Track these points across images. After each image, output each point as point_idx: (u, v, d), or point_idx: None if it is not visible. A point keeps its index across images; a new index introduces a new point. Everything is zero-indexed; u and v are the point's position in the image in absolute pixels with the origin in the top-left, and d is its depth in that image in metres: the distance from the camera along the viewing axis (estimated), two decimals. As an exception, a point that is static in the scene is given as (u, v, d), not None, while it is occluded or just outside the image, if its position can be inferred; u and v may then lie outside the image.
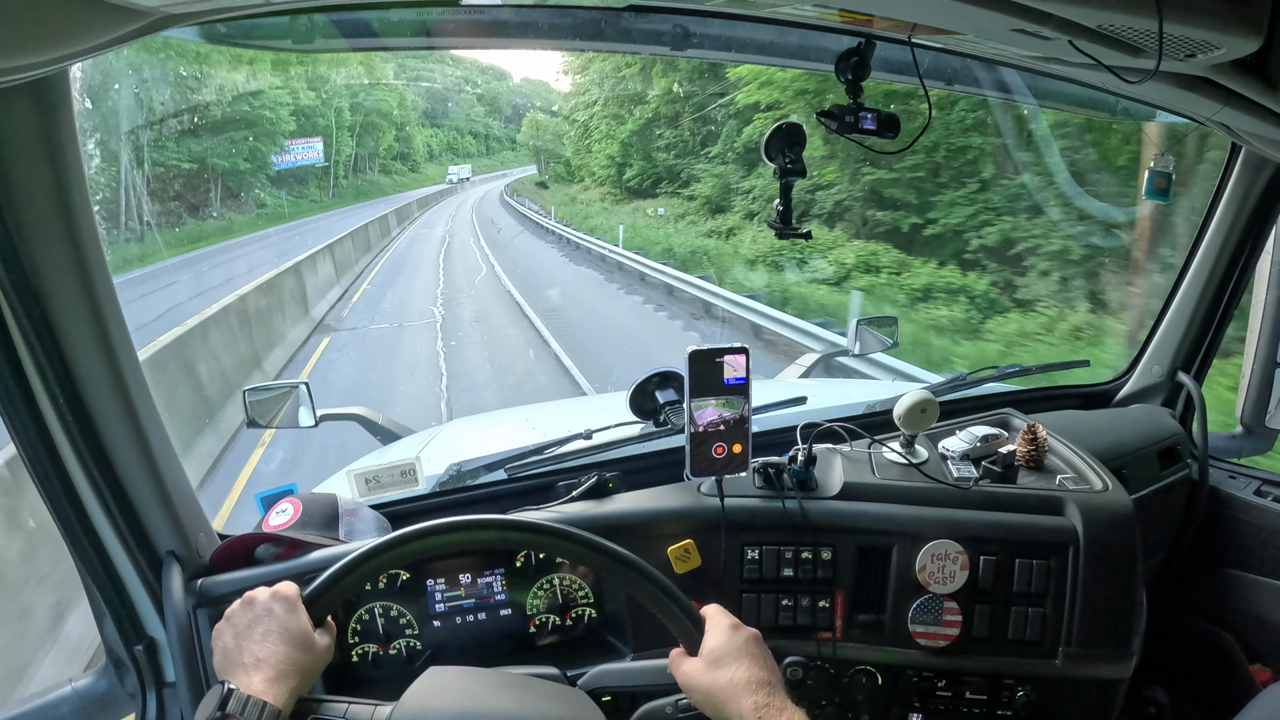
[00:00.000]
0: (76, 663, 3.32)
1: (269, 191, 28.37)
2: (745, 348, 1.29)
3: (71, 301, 1.02)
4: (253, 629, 0.92)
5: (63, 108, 0.94)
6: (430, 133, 56.80)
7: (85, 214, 1.01)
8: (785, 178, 1.28)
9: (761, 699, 0.89)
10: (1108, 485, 1.42)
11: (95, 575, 1.18)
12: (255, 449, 6.24)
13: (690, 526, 1.36)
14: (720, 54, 1.37)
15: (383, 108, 41.69)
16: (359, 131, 39.66)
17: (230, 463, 6.09)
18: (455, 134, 61.43)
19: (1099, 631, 1.34)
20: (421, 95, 47.91)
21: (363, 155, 41.64)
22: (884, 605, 1.36)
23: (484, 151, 66.56)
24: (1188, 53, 1.02)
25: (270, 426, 1.91)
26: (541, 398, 7.38)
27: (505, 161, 65.16)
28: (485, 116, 64.24)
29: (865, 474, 1.44)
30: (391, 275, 16.24)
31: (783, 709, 0.88)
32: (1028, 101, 1.75)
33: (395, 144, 46.22)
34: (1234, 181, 1.85)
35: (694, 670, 0.94)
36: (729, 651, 0.93)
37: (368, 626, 1.34)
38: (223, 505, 5.28)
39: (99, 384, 1.08)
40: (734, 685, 0.90)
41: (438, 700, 0.92)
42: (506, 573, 1.38)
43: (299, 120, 29.82)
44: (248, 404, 1.87)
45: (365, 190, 40.30)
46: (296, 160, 29.07)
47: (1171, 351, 2.04)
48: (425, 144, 55.11)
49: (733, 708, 0.89)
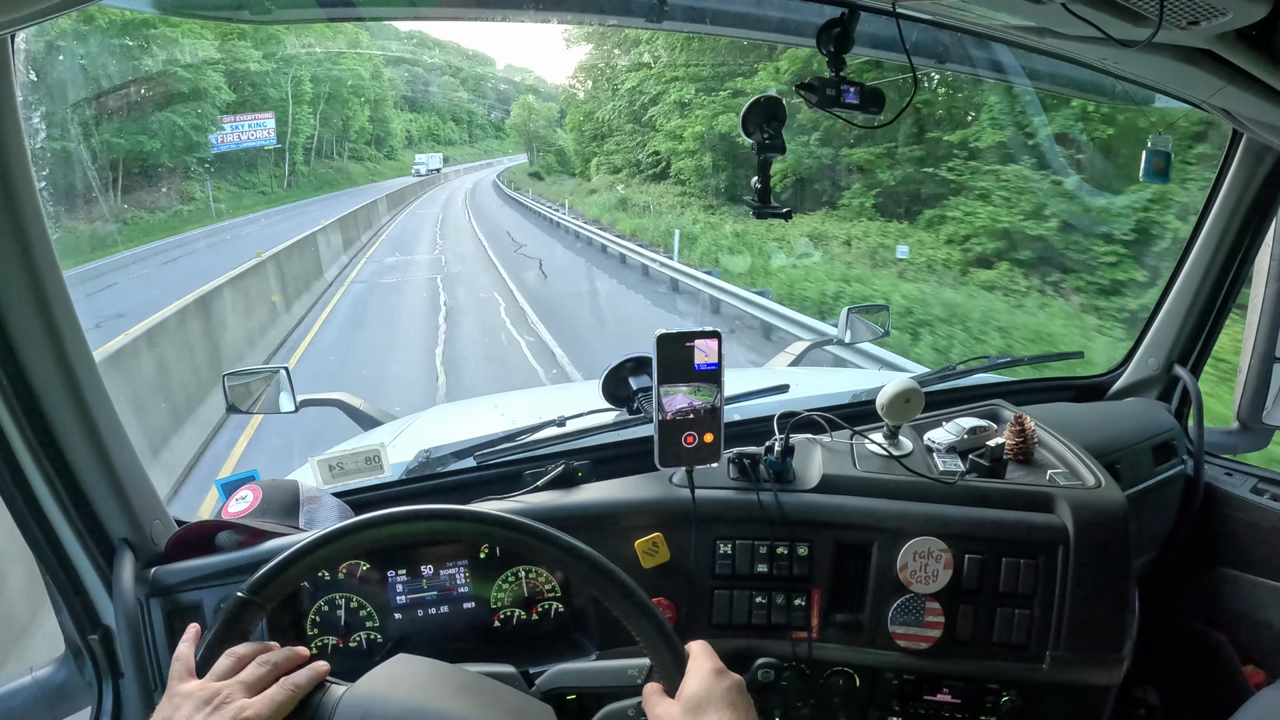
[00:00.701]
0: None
1: (207, 181, 23.15)
2: (718, 331, 1.23)
3: (14, 283, 0.99)
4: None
5: (2, 77, 0.90)
6: (410, 117, 53.10)
7: (27, 190, 0.97)
8: (763, 153, 1.22)
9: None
10: (1100, 481, 1.36)
11: (48, 563, 1.16)
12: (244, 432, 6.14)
13: (659, 519, 1.31)
14: (696, 26, 1.32)
15: (353, 80, 36.78)
16: (323, 108, 34.04)
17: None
18: (437, 119, 58.19)
19: (1089, 635, 1.28)
20: (401, 78, 44.37)
21: (328, 137, 36.33)
22: (863, 604, 1.31)
23: (467, 139, 63.38)
24: (1190, 19, 0.97)
25: (251, 412, 1.89)
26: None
27: (490, 150, 62.12)
28: (469, 102, 61.06)
29: (845, 466, 1.38)
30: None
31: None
32: (1021, 81, 1.69)
33: (369, 126, 41.56)
34: (1234, 171, 1.80)
35: (670, 714, 0.88)
36: (710, 700, 0.87)
37: (327, 618, 1.30)
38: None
39: (43, 366, 1.05)
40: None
41: (392, 690, 0.88)
42: (470, 564, 1.33)
43: (241, 90, 24.84)
44: (227, 389, 1.85)
45: (330, 179, 35.67)
46: (241, 141, 23.70)
47: (1168, 344, 2.00)
48: (404, 128, 51.13)
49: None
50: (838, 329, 2.26)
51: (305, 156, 34.30)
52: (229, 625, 0.88)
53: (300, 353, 9.29)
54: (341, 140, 38.43)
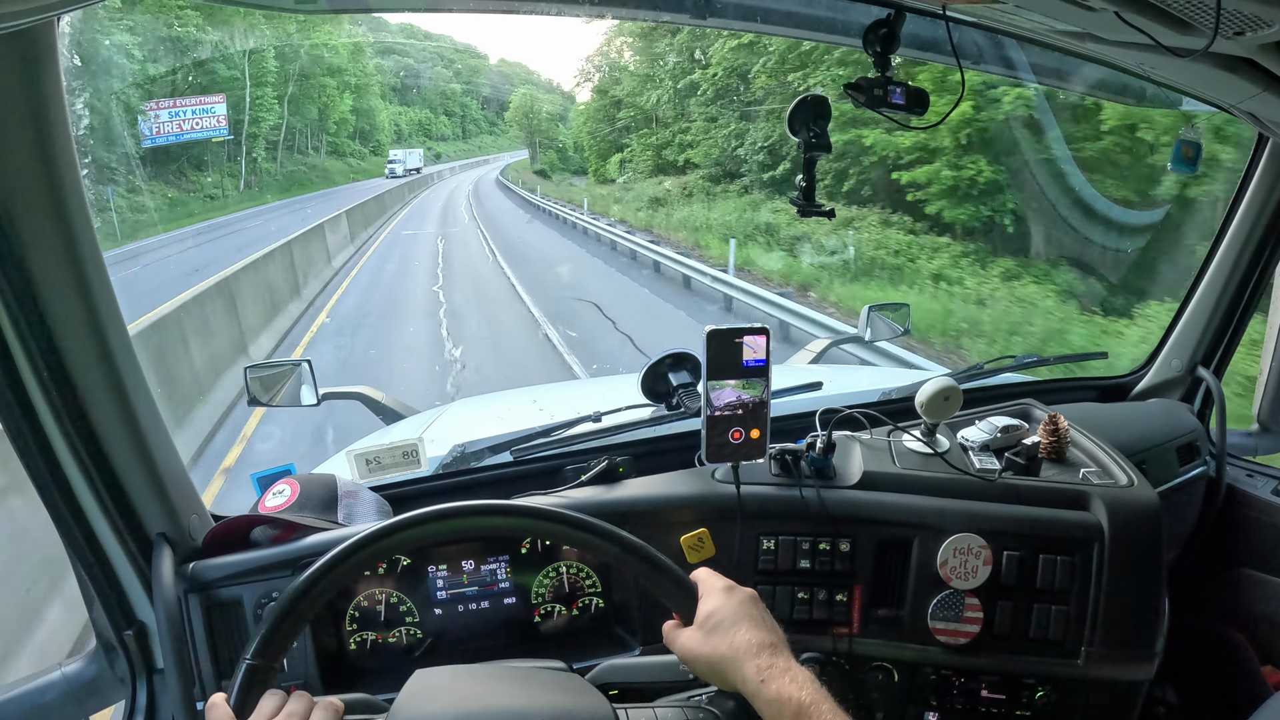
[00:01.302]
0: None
1: (108, 188, 16.39)
2: (766, 328, 1.24)
3: (57, 271, 0.99)
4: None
5: (48, 61, 0.90)
6: (399, 110, 49.15)
7: (71, 175, 0.97)
8: (810, 152, 1.23)
9: (764, 661, 0.84)
10: (1133, 480, 1.38)
11: (83, 558, 1.15)
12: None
13: (704, 514, 1.32)
14: (744, 24, 1.33)
15: (330, 62, 32.06)
16: (292, 90, 29.46)
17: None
18: (428, 113, 54.49)
19: (1123, 631, 1.30)
20: (390, 67, 40.00)
21: (301, 128, 32.20)
22: (903, 600, 1.32)
23: (460, 134, 59.55)
24: (1236, 30, 0.98)
25: (271, 405, 1.90)
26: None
27: (484, 146, 58.88)
28: (462, 95, 57.67)
29: (885, 463, 1.39)
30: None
31: (786, 669, 0.84)
32: (1054, 84, 1.71)
33: (351, 117, 36.46)
34: (1259, 175, 1.81)
35: (691, 641, 0.90)
36: (726, 616, 0.88)
37: (366, 613, 1.31)
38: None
39: (86, 358, 1.04)
40: (735, 651, 0.86)
41: (430, 704, 0.88)
42: (511, 560, 1.34)
43: (184, 64, 19.17)
44: (248, 381, 1.87)
45: (303, 178, 31.02)
46: (183, 132, 18.45)
47: (1191, 346, 2.01)
48: (392, 121, 47.04)
49: (735, 675, 0.85)
50: (858, 327, 2.28)
51: (270, 151, 30.30)
52: (247, 691, 0.85)
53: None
54: (318, 132, 34.17)
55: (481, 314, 10.92)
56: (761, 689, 0.82)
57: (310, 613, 0.90)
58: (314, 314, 10.80)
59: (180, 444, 1.33)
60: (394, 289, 12.71)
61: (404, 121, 50.01)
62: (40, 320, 0.99)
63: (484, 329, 9.96)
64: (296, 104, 29.30)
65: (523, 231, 20.31)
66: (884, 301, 2.39)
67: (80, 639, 3.21)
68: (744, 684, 0.84)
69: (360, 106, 37.88)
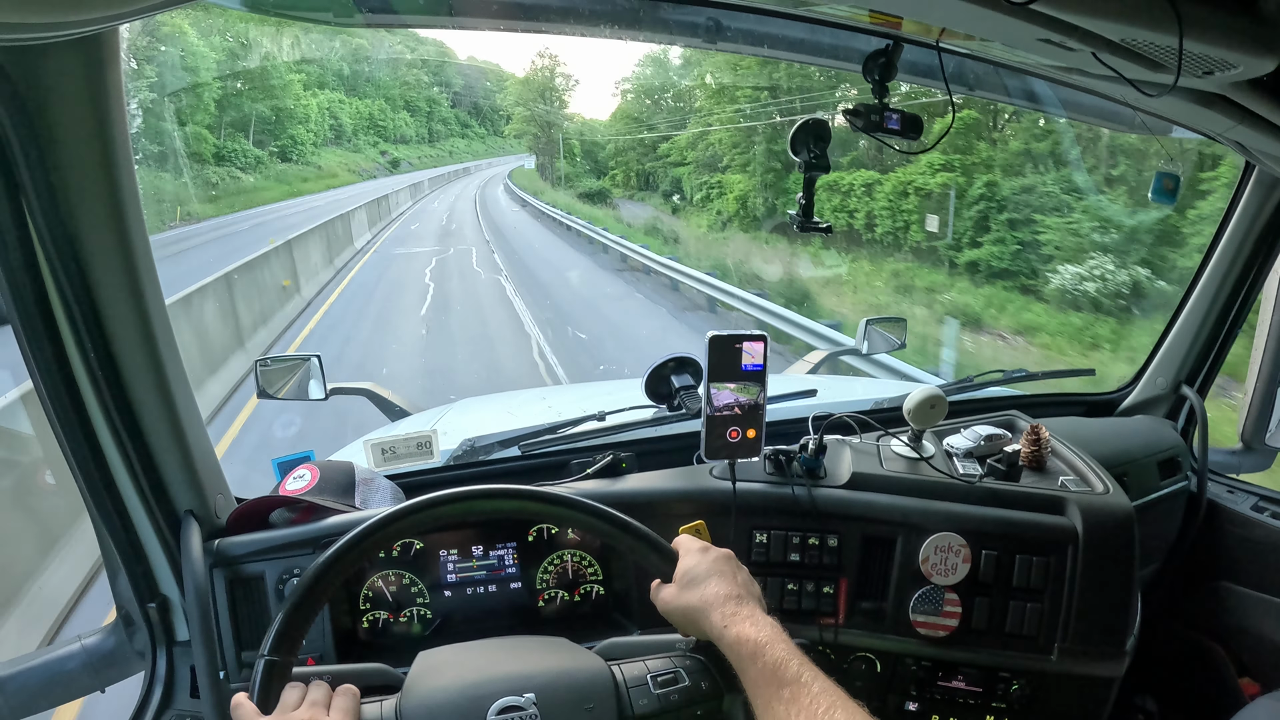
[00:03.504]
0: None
1: None
2: (764, 335, 1.32)
3: (108, 258, 1.04)
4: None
5: (111, 65, 0.96)
6: (337, 98, 35.89)
7: (127, 172, 1.02)
8: (809, 172, 1.31)
9: (730, 610, 0.93)
10: (1108, 488, 1.45)
11: (113, 530, 1.19)
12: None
13: (701, 508, 1.39)
14: (753, 49, 1.40)
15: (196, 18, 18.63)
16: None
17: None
18: (384, 105, 39.73)
19: (1094, 630, 1.37)
20: (329, 45, 27.70)
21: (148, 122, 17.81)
22: (886, 594, 1.39)
23: (425, 135, 44.71)
24: (1205, 70, 1.05)
25: (280, 397, 1.93)
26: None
27: (455, 151, 45.28)
28: (429, 87, 42.30)
29: (873, 465, 1.47)
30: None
31: (749, 616, 0.92)
32: (1048, 110, 1.77)
33: (251, 105, 23.02)
34: (1245, 199, 1.87)
35: (669, 595, 1.00)
36: (699, 573, 0.98)
37: (379, 594, 1.37)
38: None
39: (130, 340, 1.09)
40: (704, 602, 0.95)
41: (439, 679, 0.95)
42: (519, 547, 1.40)
43: None
44: (258, 374, 1.89)
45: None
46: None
47: (1176, 364, 2.06)
48: (326, 113, 33.28)
49: (705, 623, 0.94)
50: (856, 340, 2.33)
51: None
52: (267, 686, 0.89)
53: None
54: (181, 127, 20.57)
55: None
56: (724, 633, 0.91)
57: (320, 605, 0.94)
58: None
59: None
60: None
61: (347, 115, 37.85)
62: (91, 304, 1.04)
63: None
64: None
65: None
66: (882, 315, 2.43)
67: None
68: (711, 630, 0.93)
69: (262, 83, 25.18)
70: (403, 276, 13.95)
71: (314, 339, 9.41)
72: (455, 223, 22.21)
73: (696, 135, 23.23)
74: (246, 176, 23.15)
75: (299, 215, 19.12)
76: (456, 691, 0.92)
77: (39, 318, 1.03)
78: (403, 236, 19.80)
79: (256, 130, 24.52)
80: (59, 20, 0.73)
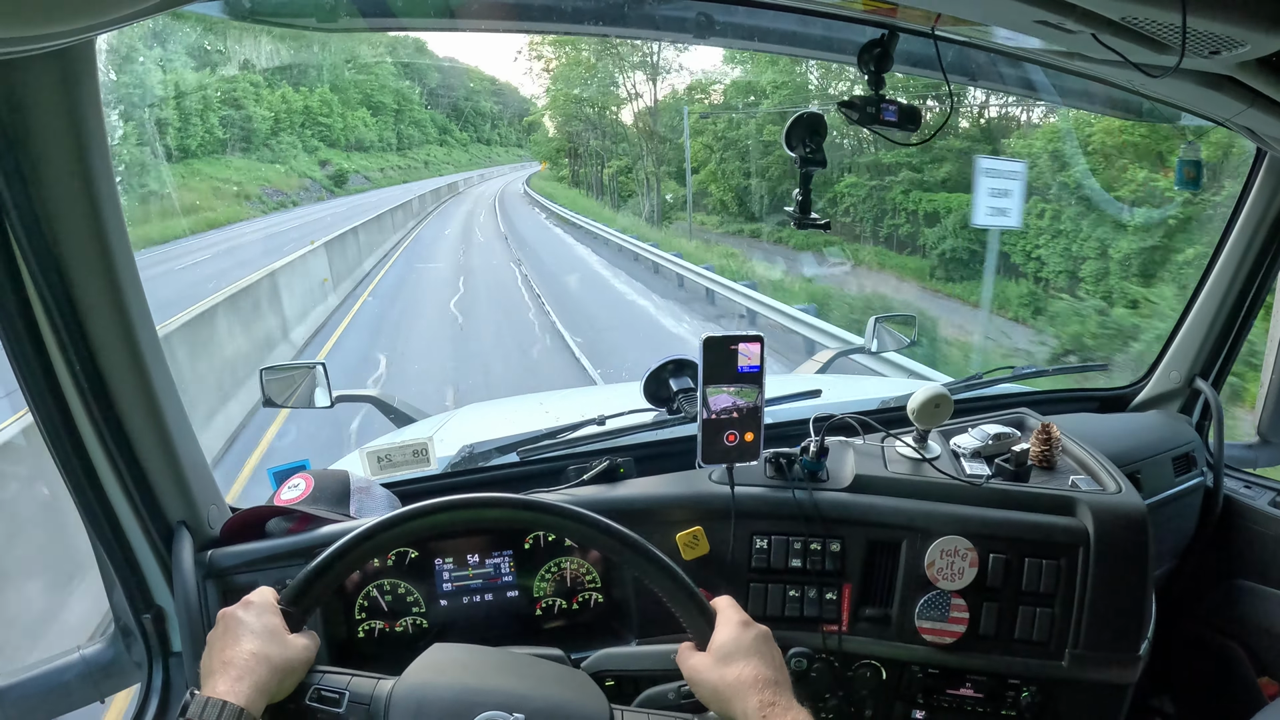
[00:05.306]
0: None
1: None
2: (760, 336, 1.29)
3: (91, 271, 1.03)
4: (224, 638, 0.91)
5: (87, 78, 0.95)
6: (247, 80, 27.15)
7: (108, 184, 1.01)
8: (805, 167, 1.28)
9: (767, 697, 0.88)
10: (1121, 488, 1.41)
11: (106, 543, 1.19)
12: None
13: (699, 513, 1.36)
14: (744, 43, 1.38)
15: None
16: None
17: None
18: (330, 98, 30.92)
19: (1107, 634, 1.33)
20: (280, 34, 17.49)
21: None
22: (891, 600, 1.36)
23: (393, 143, 36.30)
24: (1211, 49, 1.02)
25: (286, 406, 1.92)
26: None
27: (433, 161, 37.51)
28: (398, 79, 34.71)
29: (877, 467, 1.43)
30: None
31: (788, 708, 0.88)
32: (1052, 100, 1.74)
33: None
34: (1257, 187, 1.83)
35: (702, 665, 0.94)
36: (738, 649, 0.93)
37: (375, 603, 1.35)
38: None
39: (115, 353, 1.08)
40: (740, 683, 0.90)
41: (439, 676, 0.93)
42: (515, 555, 1.38)
43: None
44: (264, 383, 1.88)
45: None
46: None
47: (1190, 358, 2.02)
48: (269, 110, 25.88)
49: (738, 705, 0.89)
50: (865, 338, 2.30)
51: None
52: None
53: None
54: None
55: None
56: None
57: (343, 576, 0.99)
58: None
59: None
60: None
61: (260, 105, 28.09)
62: (75, 319, 1.04)
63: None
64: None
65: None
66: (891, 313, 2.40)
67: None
68: (744, 715, 0.88)
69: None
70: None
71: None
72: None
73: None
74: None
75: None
76: (450, 690, 0.91)
77: (24, 331, 1.02)
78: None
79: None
80: (33, 33, 0.72)
